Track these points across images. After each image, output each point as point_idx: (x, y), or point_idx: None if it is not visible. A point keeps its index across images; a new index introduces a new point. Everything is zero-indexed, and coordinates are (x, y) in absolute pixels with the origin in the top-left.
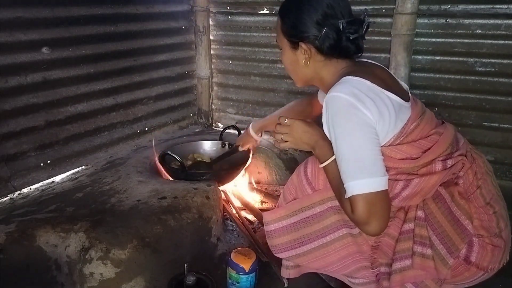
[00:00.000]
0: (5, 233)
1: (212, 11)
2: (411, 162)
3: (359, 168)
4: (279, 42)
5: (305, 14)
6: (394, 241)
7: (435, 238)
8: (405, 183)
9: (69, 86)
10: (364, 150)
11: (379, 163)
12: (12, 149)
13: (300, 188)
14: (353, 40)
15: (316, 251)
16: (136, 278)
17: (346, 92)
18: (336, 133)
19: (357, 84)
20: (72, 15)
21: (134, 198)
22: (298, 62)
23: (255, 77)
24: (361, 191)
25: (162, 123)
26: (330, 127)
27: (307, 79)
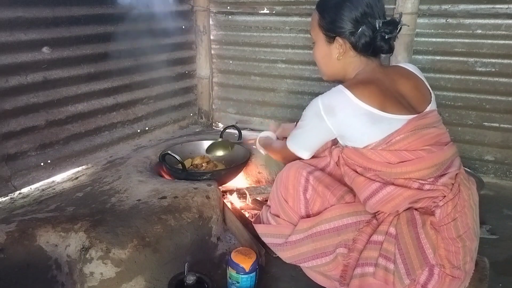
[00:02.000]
0: (6, 233)
1: (213, 11)
2: (388, 166)
3: (295, 140)
4: (313, 35)
5: (345, 11)
6: (359, 254)
7: (398, 257)
8: (380, 185)
9: (70, 86)
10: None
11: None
12: (13, 148)
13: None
14: (387, 39)
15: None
16: (136, 277)
17: (322, 102)
18: (302, 123)
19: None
20: (73, 15)
21: (135, 198)
22: (331, 56)
23: (256, 77)
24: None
25: (163, 123)
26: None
27: (335, 74)
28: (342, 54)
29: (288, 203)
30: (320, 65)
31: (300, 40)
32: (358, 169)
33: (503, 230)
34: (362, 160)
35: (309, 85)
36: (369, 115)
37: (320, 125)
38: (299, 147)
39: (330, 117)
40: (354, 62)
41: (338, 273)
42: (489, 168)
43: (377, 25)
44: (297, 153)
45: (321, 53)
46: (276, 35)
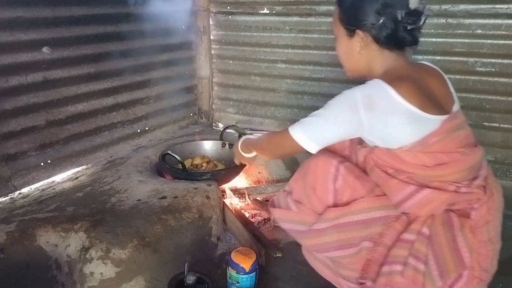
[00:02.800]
0: (6, 233)
1: (213, 11)
2: (423, 169)
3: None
4: (335, 30)
5: (366, 3)
6: (387, 249)
7: (431, 258)
8: (415, 189)
9: (70, 86)
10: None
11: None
12: (13, 148)
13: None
14: (410, 30)
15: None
16: (136, 277)
17: (361, 93)
18: (329, 106)
19: (380, 93)
20: (73, 15)
21: (135, 198)
22: (352, 50)
23: (255, 77)
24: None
25: (163, 123)
26: (333, 100)
27: (358, 69)
28: (364, 47)
29: (316, 192)
30: (342, 61)
31: (300, 40)
32: (389, 171)
33: (503, 230)
34: (395, 162)
35: (309, 85)
36: (409, 114)
37: (351, 118)
38: (309, 137)
39: (367, 111)
40: (378, 56)
41: (359, 267)
42: None
43: (399, 16)
44: (302, 143)
45: (342, 48)
46: (276, 35)
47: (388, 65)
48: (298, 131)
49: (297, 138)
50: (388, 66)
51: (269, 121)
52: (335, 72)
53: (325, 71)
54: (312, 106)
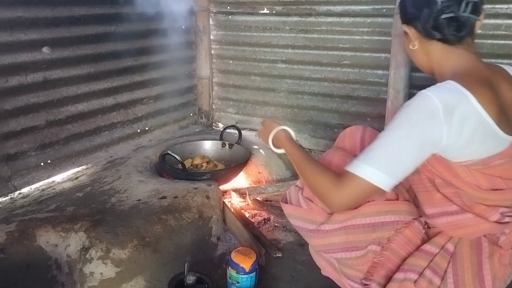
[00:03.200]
0: (6, 233)
1: (213, 11)
2: (475, 189)
3: (386, 161)
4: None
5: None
6: (399, 259)
7: (450, 276)
8: (457, 210)
9: (70, 86)
10: (406, 154)
11: (405, 170)
12: (13, 148)
13: None
14: (449, 20)
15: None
16: (136, 277)
17: (440, 98)
18: (398, 122)
19: (460, 98)
20: (73, 15)
21: (135, 198)
22: (408, 46)
23: (256, 77)
24: (369, 179)
25: (163, 123)
26: (399, 113)
27: (423, 65)
28: (416, 42)
29: None
30: (410, 57)
31: (300, 40)
32: (437, 181)
33: None
34: (447, 174)
35: (309, 85)
36: (485, 128)
37: (433, 131)
38: (383, 170)
39: (447, 120)
40: (437, 51)
41: (365, 269)
42: None
43: (438, 4)
44: (376, 181)
45: (403, 45)
46: (276, 35)
47: (458, 63)
48: (366, 168)
49: (366, 176)
50: (458, 65)
51: None
52: (335, 72)
53: (325, 71)
54: (312, 106)
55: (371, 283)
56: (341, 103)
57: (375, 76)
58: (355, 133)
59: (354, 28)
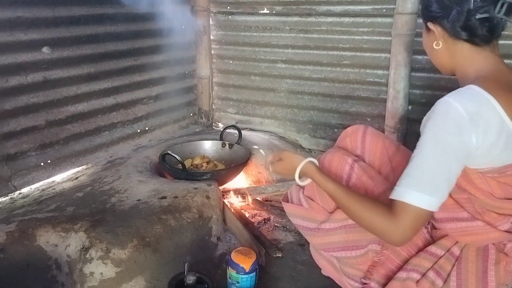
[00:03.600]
0: (6, 233)
1: (213, 11)
2: (490, 197)
3: (429, 182)
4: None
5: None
6: (399, 259)
7: (454, 279)
8: (468, 217)
9: (70, 86)
10: (445, 169)
11: (448, 186)
12: (13, 148)
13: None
14: (483, 20)
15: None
16: (136, 277)
17: (464, 106)
18: (429, 139)
19: (484, 104)
20: (73, 15)
21: (135, 198)
22: (430, 45)
23: (256, 77)
24: (418, 204)
25: (163, 123)
26: (427, 129)
27: (444, 65)
28: (441, 40)
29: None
30: (429, 56)
31: (300, 40)
32: None
33: None
34: (462, 180)
35: (309, 85)
36: (508, 135)
37: (464, 141)
38: (430, 192)
39: (476, 128)
40: (463, 52)
41: (365, 268)
42: None
43: (471, 3)
44: (425, 205)
45: (424, 44)
46: (276, 35)
47: (483, 66)
48: (413, 194)
49: (418, 203)
50: (483, 68)
51: (269, 121)
52: (335, 72)
53: (325, 71)
54: (312, 106)
55: (370, 282)
56: (341, 103)
57: (375, 76)
58: (356, 132)
59: (354, 28)
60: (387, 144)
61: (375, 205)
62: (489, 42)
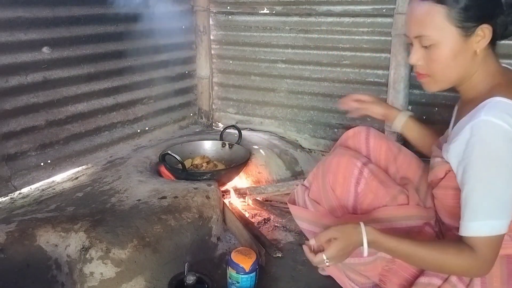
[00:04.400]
0: (6, 233)
1: (213, 11)
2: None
3: (500, 208)
4: (435, 36)
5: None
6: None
7: (478, 283)
8: None
9: (70, 86)
10: (509, 192)
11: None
12: (13, 148)
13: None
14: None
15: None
16: (136, 277)
17: (506, 121)
18: (487, 164)
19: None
20: (73, 15)
21: (135, 198)
22: (467, 53)
23: (256, 77)
24: (495, 233)
25: (162, 123)
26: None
27: (462, 76)
28: (483, 45)
29: (335, 192)
30: (445, 69)
31: (300, 40)
32: None
33: None
34: None
35: (309, 85)
36: None
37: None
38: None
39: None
40: (491, 56)
41: (374, 275)
42: None
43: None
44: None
45: (451, 53)
46: (276, 35)
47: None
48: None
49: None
50: (493, 72)
51: (269, 121)
52: (335, 72)
53: (325, 71)
54: (312, 106)
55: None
56: None
57: (375, 76)
58: (359, 134)
59: (354, 28)
60: (390, 146)
61: (452, 251)
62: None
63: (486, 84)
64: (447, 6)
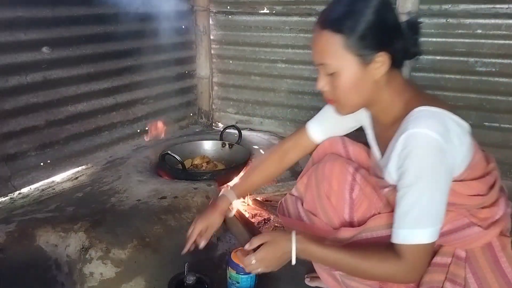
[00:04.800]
0: (5, 233)
1: (213, 11)
2: (479, 199)
3: (430, 216)
4: (334, 63)
5: (379, 18)
6: None
7: (472, 281)
8: (468, 223)
9: (69, 86)
10: (443, 198)
11: (444, 209)
12: (12, 148)
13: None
14: (417, 42)
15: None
16: (136, 277)
17: (435, 130)
18: (418, 175)
19: (443, 118)
20: (72, 15)
21: (134, 198)
22: (367, 80)
23: (255, 76)
24: (424, 241)
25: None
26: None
27: (366, 101)
28: (383, 72)
29: (331, 201)
30: (347, 96)
31: (300, 40)
32: None
33: None
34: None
35: (309, 85)
36: (466, 131)
37: (446, 162)
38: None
39: (450, 145)
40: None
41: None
42: None
43: (404, 27)
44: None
45: (352, 81)
46: (276, 35)
47: (400, 89)
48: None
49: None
50: (401, 91)
51: (269, 121)
52: None
53: None
54: (312, 106)
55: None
56: None
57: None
58: (335, 143)
59: None
60: (367, 150)
61: (379, 256)
62: None
63: (399, 102)
64: (345, 35)
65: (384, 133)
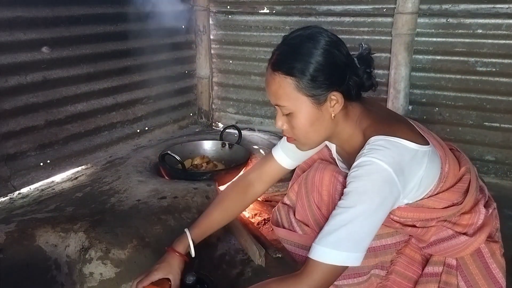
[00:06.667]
0: (5, 233)
1: (212, 11)
2: (454, 208)
3: (351, 241)
4: (289, 105)
5: (335, 59)
6: (406, 280)
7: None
8: (453, 234)
9: (69, 86)
10: (369, 231)
11: (368, 242)
12: (12, 148)
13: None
14: (371, 74)
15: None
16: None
17: (387, 161)
18: (357, 200)
19: (397, 148)
20: (72, 15)
21: (134, 198)
22: (323, 119)
23: (255, 76)
24: (336, 262)
25: (162, 123)
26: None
27: (325, 137)
28: (338, 109)
29: (321, 211)
30: (307, 134)
31: None
32: (417, 224)
33: (504, 230)
34: (424, 214)
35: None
36: (425, 155)
37: (391, 195)
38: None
39: (400, 177)
40: (346, 114)
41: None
42: (490, 168)
43: (356, 62)
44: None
45: (308, 121)
46: (276, 34)
47: (358, 119)
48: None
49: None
50: (359, 120)
51: (269, 121)
52: None
53: None
54: None
55: None
56: None
57: (375, 76)
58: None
59: (354, 27)
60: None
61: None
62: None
63: (358, 133)
64: (296, 78)
65: (349, 161)
